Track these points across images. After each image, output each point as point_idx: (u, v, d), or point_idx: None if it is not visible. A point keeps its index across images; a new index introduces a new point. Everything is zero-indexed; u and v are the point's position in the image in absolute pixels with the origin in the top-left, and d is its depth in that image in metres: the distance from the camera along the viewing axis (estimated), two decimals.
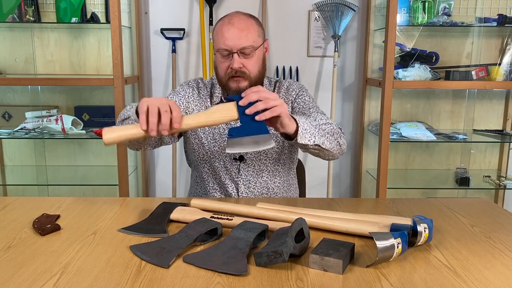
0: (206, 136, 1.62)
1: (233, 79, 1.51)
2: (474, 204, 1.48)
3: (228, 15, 1.54)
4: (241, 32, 1.47)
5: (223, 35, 1.48)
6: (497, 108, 2.99)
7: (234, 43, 1.47)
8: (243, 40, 1.47)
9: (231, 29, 1.47)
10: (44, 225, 1.20)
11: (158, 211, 1.31)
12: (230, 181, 1.62)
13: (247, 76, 1.50)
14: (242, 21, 1.49)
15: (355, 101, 3.04)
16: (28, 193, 2.93)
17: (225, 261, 1.00)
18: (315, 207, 1.34)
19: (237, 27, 1.47)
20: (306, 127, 1.35)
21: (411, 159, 3.06)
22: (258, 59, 1.52)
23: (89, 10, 2.79)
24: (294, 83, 1.67)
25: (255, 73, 1.52)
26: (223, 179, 1.63)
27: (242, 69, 1.49)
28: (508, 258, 1.08)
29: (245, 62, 1.49)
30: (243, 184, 1.62)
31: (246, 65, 1.49)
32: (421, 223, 1.11)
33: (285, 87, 1.66)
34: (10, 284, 0.93)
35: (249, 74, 1.50)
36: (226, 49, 1.48)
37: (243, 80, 1.51)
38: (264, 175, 1.62)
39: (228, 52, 1.48)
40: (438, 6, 2.74)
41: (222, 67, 1.52)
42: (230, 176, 1.62)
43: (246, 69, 1.50)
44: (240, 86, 1.51)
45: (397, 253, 1.02)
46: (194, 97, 1.64)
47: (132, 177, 2.95)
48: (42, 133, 2.66)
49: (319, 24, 2.92)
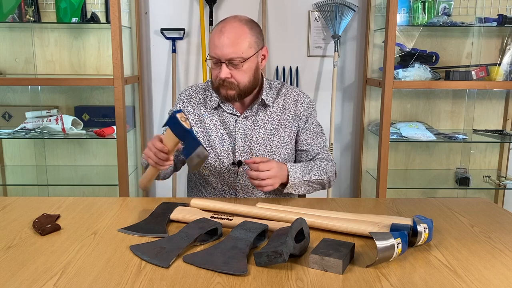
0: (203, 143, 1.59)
1: (222, 86, 1.50)
2: (474, 204, 1.48)
3: (223, 21, 1.50)
4: (230, 42, 1.44)
5: (213, 42, 1.47)
6: (497, 108, 2.99)
7: (222, 53, 1.45)
8: (231, 50, 1.44)
9: (221, 38, 1.45)
10: (44, 225, 1.20)
11: (158, 211, 1.31)
12: (227, 187, 1.62)
13: (235, 86, 1.50)
14: (234, 30, 1.46)
15: (355, 101, 3.04)
16: (28, 193, 2.93)
17: (225, 261, 1.00)
18: (315, 207, 1.35)
19: (227, 37, 1.45)
20: (296, 181, 1.50)
21: (411, 159, 3.06)
22: (249, 69, 1.50)
23: (89, 10, 2.79)
24: (303, 96, 1.65)
25: (244, 83, 1.50)
26: (220, 185, 1.62)
27: (229, 79, 1.48)
28: (508, 258, 1.08)
29: (234, 72, 1.48)
30: (241, 189, 1.61)
31: (234, 75, 1.48)
32: (421, 223, 1.11)
33: (293, 97, 1.64)
34: (10, 284, 0.93)
35: (238, 85, 1.50)
36: (215, 57, 1.47)
37: (231, 90, 1.50)
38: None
39: (217, 60, 1.47)
40: (438, 6, 2.74)
41: (213, 73, 1.52)
42: (228, 182, 1.61)
43: (234, 79, 1.49)
44: (228, 94, 1.51)
45: (397, 253, 1.02)
46: (188, 109, 1.64)
47: (132, 177, 2.95)
48: (42, 133, 2.66)
49: (319, 24, 2.92)
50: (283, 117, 1.62)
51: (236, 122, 1.59)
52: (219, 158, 1.59)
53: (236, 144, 1.58)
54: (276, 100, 1.63)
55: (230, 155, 1.58)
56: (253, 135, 1.59)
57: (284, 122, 1.61)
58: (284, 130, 1.61)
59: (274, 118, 1.61)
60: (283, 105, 1.63)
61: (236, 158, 1.58)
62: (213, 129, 1.60)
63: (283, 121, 1.61)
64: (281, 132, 1.61)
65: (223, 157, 1.58)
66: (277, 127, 1.61)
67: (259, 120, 1.60)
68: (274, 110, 1.62)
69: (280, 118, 1.61)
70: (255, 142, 1.58)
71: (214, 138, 1.59)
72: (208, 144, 1.59)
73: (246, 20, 1.51)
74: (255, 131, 1.59)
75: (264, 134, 1.59)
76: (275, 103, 1.62)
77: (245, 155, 1.58)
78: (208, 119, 1.61)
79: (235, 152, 1.58)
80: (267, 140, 1.59)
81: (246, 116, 1.59)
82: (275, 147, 1.59)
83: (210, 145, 1.59)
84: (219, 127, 1.60)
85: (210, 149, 1.59)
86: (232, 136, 1.59)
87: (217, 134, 1.59)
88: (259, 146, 1.58)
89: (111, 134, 2.64)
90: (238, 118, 1.59)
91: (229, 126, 1.59)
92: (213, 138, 1.59)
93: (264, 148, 1.59)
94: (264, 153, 1.59)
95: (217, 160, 1.59)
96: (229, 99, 1.54)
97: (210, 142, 1.59)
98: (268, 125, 1.60)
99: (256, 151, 1.58)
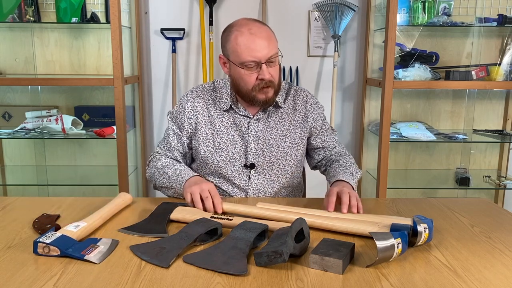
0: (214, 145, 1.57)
1: (262, 90, 1.48)
2: (474, 204, 1.48)
3: (241, 25, 1.46)
4: (266, 42, 1.43)
5: (249, 47, 1.42)
6: (497, 108, 2.99)
7: (262, 54, 1.43)
8: (270, 49, 1.44)
9: (256, 40, 1.42)
10: (44, 225, 1.20)
11: (158, 211, 1.31)
12: (239, 190, 1.59)
13: (274, 84, 1.49)
14: (263, 29, 1.45)
15: (355, 101, 3.04)
16: (28, 193, 2.93)
17: (225, 261, 1.00)
18: (315, 207, 1.34)
19: (261, 37, 1.43)
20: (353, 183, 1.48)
21: (411, 159, 3.05)
22: (279, 66, 1.51)
23: (89, 10, 2.79)
24: (311, 97, 1.67)
25: (279, 80, 1.51)
26: (231, 188, 1.59)
27: (271, 79, 1.47)
28: (508, 258, 1.08)
29: (271, 71, 1.47)
30: (253, 192, 1.59)
31: (272, 74, 1.47)
32: (421, 223, 1.11)
33: (302, 98, 1.64)
34: (10, 284, 0.93)
35: (275, 83, 1.49)
36: (254, 60, 1.43)
37: (271, 90, 1.49)
38: (275, 183, 1.60)
39: (256, 63, 1.44)
40: (438, 6, 2.73)
41: (249, 79, 1.47)
42: (240, 185, 1.58)
43: (273, 78, 1.48)
44: (268, 97, 1.49)
45: (397, 253, 1.02)
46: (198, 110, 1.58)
47: (132, 177, 2.95)
48: (42, 133, 2.66)
49: (319, 24, 2.92)
50: (294, 118, 1.61)
51: (249, 124, 1.57)
52: (230, 161, 1.57)
53: (249, 146, 1.56)
54: (286, 101, 1.62)
55: (242, 158, 1.57)
56: (266, 137, 1.57)
57: (295, 123, 1.61)
58: (295, 131, 1.61)
59: (286, 120, 1.60)
60: (293, 106, 1.63)
61: (249, 161, 1.57)
62: (224, 131, 1.57)
63: (294, 122, 1.61)
64: (292, 133, 1.61)
65: (235, 159, 1.56)
66: (289, 128, 1.60)
67: (271, 121, 1.59)
68: (285, 111, 1.61)
69: (291, 119, 1.61)
70: (268, 144, 1.57)
71: (226, 140, 1.57)
72: (218, 146, 1.57)
73: (258, 20, 1.51)
74: (267, 133, 1.58)
75: (276, 135, 1.58)
76: (285, 104, 1.62)
77: (257, 158, 1.57)
78: (218, 120, 1.58)
79: (248, 154, 1.56)
80: (280, 142, 1.58)
81: (258, 118, 1.58)
82: (287, 148, 1.59)
83: (221, 147, 1.57)
84: (230, 129, 1.58)
85: (222, 152, 1.57)
86: (245, 138, 1.57)
87: (229, 136, 1.57)
88: (271, 148, 1.57)
89: (111, 134, 2.64)
90: (251, 120, 1.57)
91: (241, 128, 1.57)
92: (224, 140, 1.57)
93: (276, 149, 1.58)
94: (277, 155, 1.58)
95: (228, 162, 1.57)
96: (269, 102, 1.52)
97: (220, 144, 1.57)
98: (280, 126, 1.59)
99: (268, 152, 1.57)
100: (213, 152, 1.57)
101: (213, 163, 1.58)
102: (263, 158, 1.57)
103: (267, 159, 1.57)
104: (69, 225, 1.15)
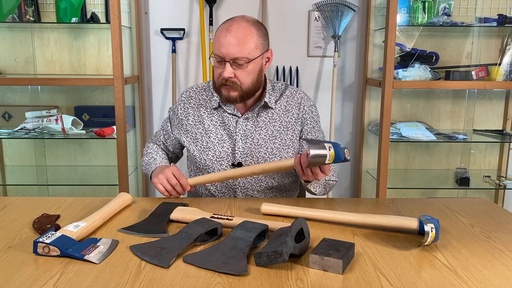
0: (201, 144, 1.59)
1: (225, 86, 1.49)
2: (474, 204, 1.48)
3: (230, 20, 1.49)
4: (236, 42, 1.43)
5: (219, 40, 1.45)
6: (497, 108, 2.99)
7: (227, 51, 1.43)
8: (237, 50, 1.43)
9: (227, 37, 1.43)
10: (44, 225, 1.20)
11: (158, 211, 1.31)
12: (226, 189, 1.60)
13: (238, 86, 1.48)
14: (242, 29, 1.44)
15: (355, 101, 3.04)
16: (28, 193, 2.93)
17: (225, 261, 1.00)
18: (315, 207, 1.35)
19: (234, 36, 1.43)
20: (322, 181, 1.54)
21: (411, 159, 3.05)
22: (253, 70, 1.48)
23: (89, 10, 2.79)
24: (306, 99, 1.64)
25: (247, 84, 1.49)
26: (219, 187, 1.60)
27: (232, 79, 1.46)
28: (508, 258, 1.08)
29: (238, 72, 1.46)
30: (241, 191, 1.59)
31: (238, 76, 1.46)
32: (428, 223, 1.11)
33: (296, 100, 1.63)
34: (10, 284, 0.93)
35: (240, 85, 1.48)
36: (220, 55, 1.45)
37: (233, 90, 1.49)
38: (262, 182, 1.60)
39: (221, 58, 1.46)
40: (438, 6, 2.73)
41: (216, 72, 1.51)
42: (227, 183, 1.59)
43: (238, 80, 1.47)
44: (230, 95, 1.49)
45: (331, 156, 1.21)
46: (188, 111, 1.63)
47: (132, 177, 2.95)
48: (42, 133, 2.66)
49: (319, 24, 2.92)
50: (285, 119, 1.60)
51: (237, 123, 1.57)
52: (217, 160, 1.57)
53: (236, 146, 1.56)
54: (278, 102, 1.61)
55: (230, 157, 1.57)
56: (254, 136, 1.57)
57: (286, 124, 1.60)
58: (286, 132, 1.60)
59: (276, 120, 1.60)
60: (285, 107, 1.61)
61: (236, 160, 1.57)
62: (212, 129, 1.59)
63: (286, 123, 1.60)
64: (283, 134, 1.59)
65: (222, 158, 1.57)
66: (279, 129, 1.59)
67: (261, 121, 1.59)
68: (276, 111, 1.60)
69: (282, 120, 1.60)
70: (255, 143, 1.57)
71: (213, 139, 1.58)
72: (206, 145, 1.58)
73: (254, 21, 1.49)
74: (256, 132, 1.58)
75: (265, 135, 1.58)
76: (277, 104, 1.61)
77: (245, 157, 1.57)
78: (208, 119, 1.60)
79: (235, 153, 1.57)
80: (268, 142, 1.58)
81: (247, 117, 1.58)
82: (276, 149, 1.58)
83: (208, 146, 1.58)
84: (218, 127, 1.59)
85: (209, 151, 1.58)
86: (232, 137, 1.57)
87: (217, 135, 1.58)
88: (259, 147, 1.57)
89: (111, 134, 2.64)
90: (239, 119, 1.58)
91: (229, 127, 1.58)
92: (212, 140, 1.58)
93: (265, 150, 1.57)
94: (265, 155, 1.57)
95: (215, 161, 1.57)
96: (230, 101, 1.52)
97: (208, 143, 1.58)
98: (269, 126, 1.59)
99: (256, 153, 1.57)
100: (201, 151, 1.59)
101: (201, 162, 1.59)
102: (251, 157, 1.57)
103: (254, 158, 1.57)
104: (69, 225, 1.15)
